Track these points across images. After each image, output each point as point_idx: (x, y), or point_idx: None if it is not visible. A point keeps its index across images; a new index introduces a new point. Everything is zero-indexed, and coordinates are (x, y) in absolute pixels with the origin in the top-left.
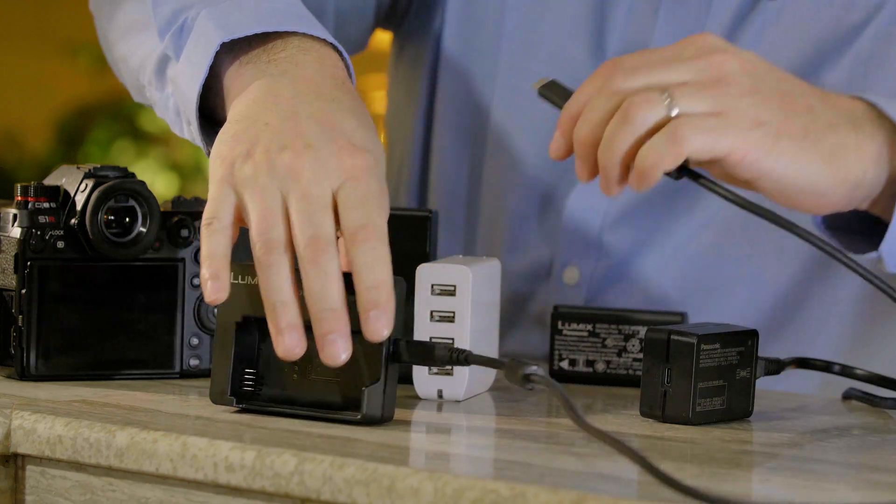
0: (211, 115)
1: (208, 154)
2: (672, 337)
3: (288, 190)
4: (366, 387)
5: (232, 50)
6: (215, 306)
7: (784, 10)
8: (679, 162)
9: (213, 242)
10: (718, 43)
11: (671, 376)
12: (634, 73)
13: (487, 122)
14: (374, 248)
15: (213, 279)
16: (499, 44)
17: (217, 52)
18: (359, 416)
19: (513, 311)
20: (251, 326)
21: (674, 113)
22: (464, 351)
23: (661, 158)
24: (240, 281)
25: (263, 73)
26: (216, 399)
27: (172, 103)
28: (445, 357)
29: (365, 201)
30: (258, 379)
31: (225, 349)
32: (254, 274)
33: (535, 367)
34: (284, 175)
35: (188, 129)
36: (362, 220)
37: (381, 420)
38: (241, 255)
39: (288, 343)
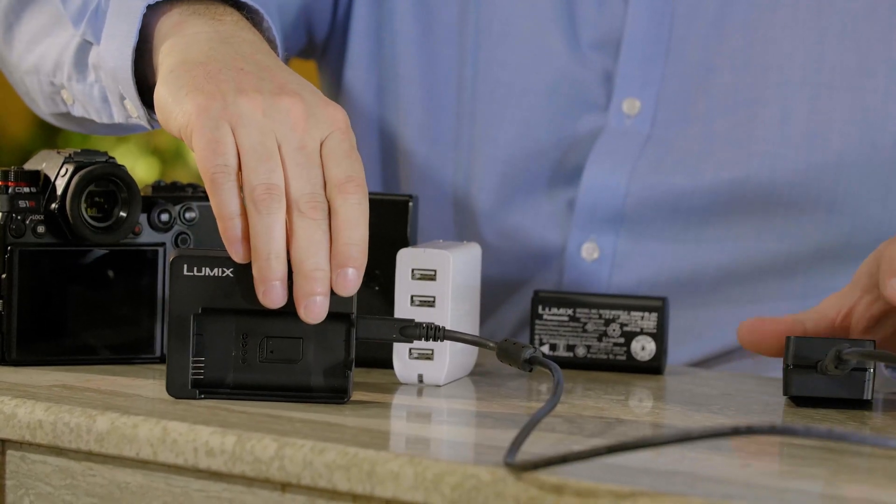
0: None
1: (148, 124)
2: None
3: (283, 136)
4: (350, 370)
5: (156, 18)
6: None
7: None
8: None
9: (229, 197)
10: None
11: None
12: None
13: (467, 120)
14: (359, 203)
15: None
16: (465, 34)
17: (143, 24)
18: (346, 399)
19: (505, 297)
20: (210, 316)
21: None
22: (441, 328)
23: None
24: (196, 273)
25: (212, 27)
26: (177, 393)
27: (98, 90)
28: (421, 333)
29: (350, 153)
30: (210, 366)
31: (184, 341)
32: (210, 265)
33: (532, 350)
34: (283, 119)
35: (119, 106)
36: (349, 171)
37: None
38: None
39: (277, 295)
